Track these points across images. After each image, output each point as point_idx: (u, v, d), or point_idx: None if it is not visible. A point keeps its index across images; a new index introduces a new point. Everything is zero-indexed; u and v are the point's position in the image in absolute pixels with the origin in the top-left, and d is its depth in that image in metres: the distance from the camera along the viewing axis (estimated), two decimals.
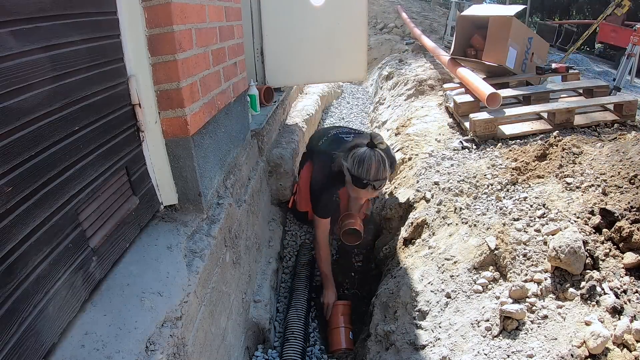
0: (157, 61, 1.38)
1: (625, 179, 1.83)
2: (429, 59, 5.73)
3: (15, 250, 0.87)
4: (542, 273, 1.57)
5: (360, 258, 2.95)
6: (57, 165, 1.02)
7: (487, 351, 1.42)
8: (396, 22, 9.41)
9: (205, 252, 1.46)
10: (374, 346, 1.92)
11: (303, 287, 2.49)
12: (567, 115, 2.80)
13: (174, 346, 1.14)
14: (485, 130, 2.85)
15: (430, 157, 2.82)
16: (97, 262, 1.15)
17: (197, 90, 1.54)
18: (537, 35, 3.83)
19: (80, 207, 1.11)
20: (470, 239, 1.92)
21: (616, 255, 1.52)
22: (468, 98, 3.25)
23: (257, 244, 2.33)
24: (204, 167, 1.61)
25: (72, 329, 1.03)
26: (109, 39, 1.26)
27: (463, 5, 7.57)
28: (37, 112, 0.95)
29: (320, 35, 3.28)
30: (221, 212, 1.71)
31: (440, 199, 2.33)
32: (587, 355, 1.24)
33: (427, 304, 1.81)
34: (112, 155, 1.26)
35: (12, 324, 0.85)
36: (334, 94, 6.42)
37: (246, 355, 1.97)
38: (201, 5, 1.57)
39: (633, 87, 5.81)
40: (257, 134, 2.60)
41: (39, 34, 0.97)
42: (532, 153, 2.36)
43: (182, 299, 1.25)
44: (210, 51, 1.68)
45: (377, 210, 2.94)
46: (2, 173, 0.84)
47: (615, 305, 1.34)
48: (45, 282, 0.95)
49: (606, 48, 10.17)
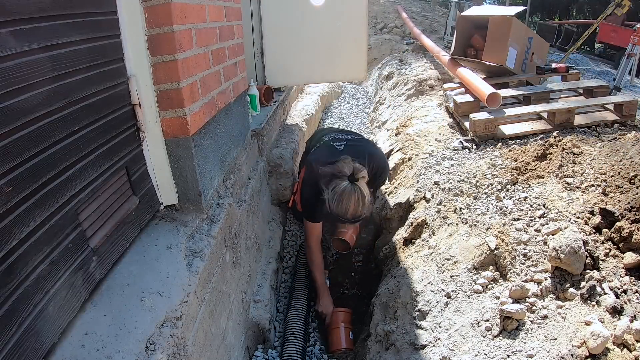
0: (157, 61, 1.38)
1: (625, 179, 1.83)
2: (429, 59, 5.73)
3: (15, 250, 0.87)
4: (542, 273, 1.57)
5: (360, 258, 2.95)
6: (57, 165, 1.02)
7: (487, 351, 1.42)
8: (396, 22, 9.41)
9: (205, 252, 1.46)
10: (374, 346, 1.92)
11: (303, 287, 2.49)
12: (567, 115, 2.80)
13: (174, 346, 1.14)
14: (485, 130, 2.85)
15: (430, 157, 2.82)
16: (97, 262, 1.15)
17: (197, 90, 1.54)
18: (537, 35, 3.84)
19: (80, 207, 1.10)
20: (470, 239, 1.92)
21: (616, 255, 1.52)
22: (468, 98, 3.25)
23: (257, 244, 2.33)
24: (204, 167, 1.61)
25: (72, 329, 1.03)
26: (109, 39, 1.26)
27: (463, 5, 7.57)
28: (37, 112, 0.95)
29: (321, 35, 3.28)
30: (221, 212, 1.71)
31: (440, 199, 2.33)
32: (587, 355, 1.24)
33: (427, 304, 1.81)
34: (112, 155, 1.26)
35: (12, 324, 0.85)
36: (334, 94, 6.42)
37: (246, 355, 1.97)
38: (201, 5, 1.57)
39: (633, 87, 5.81)
40: (257, 134, 2.60)
41: (39, 34, 0.97)
42: (532, 153, 2.36)
43: (182, 299, 1.25)
44: (210, 51, 1.68)
45: (377, 210, 2.94)
46: (2, 173, 0.84)
47: (615, 305, 1.34)
48: (45, 282, 0.95)
49: (606, 48, 10.17)
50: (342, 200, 2.07)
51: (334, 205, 2.10)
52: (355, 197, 2.07)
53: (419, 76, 4.80)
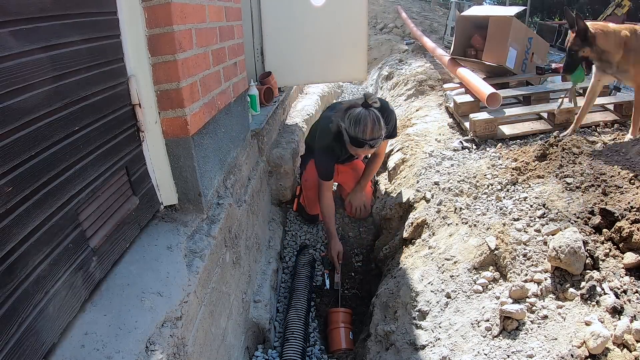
0: (157, 61, 1.38)
1: (625, 179, 1.83)
2: (429, 59, 5.72)
3: (15, 250, 0.87)
4: (542, 273, 1.57)
5: (360, 258, 2.95)
6: (57, 165, 1.02)
7: (487, 351, 1.41)
8: (396, 22, 9.40)
9: (205, 252, 1.46)
10: (374, 346, 1.92)
11: (303, 287, 2.49)
12: (567, 115, 2.80)
13: (174, 346, 1.14)
14: (485, 130, 2.85)
15: (430, 157, 2.82)
16: (97, 262, 1.15)
17: (197, 90, 1.54)
18: (537, 35, 3.83)
19: (81, 207, 1.10)
20: (470, 239, 1.92)
21: (616, 255, 1.52)
22: (468, 98, 3.25)
23: (257, 244, 2.33)
24: (204, 167, 1.61)
25: (72, 329, 1.03)
26: (109, 39, 1.26)
27: (463, 5, 7.57)
28: (37, 112, 0.95)
29: (321, 35, 3.27)
30: (221, 212, 1.71)
31: (440, 199, 2.33)
32: (587, 355, 1.24)
33: (427, 304, 1.81)
34: (112, 155, 1.26)
35: (12, 324, 0.85)
36: (334, 94, 6.41)
37: (246, 355, 1.97)
38: (201, 5, 1.57)
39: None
40: (257, 134, 2.60)
41: (39, 34, 0.97)
42: (532, 153, 2.36)
43: (182, 299, 1.25)
44: (210, 51, 1.68)
45: (377, 210, 2.94)
46: (2, 173, 0.84)
47: (615, 305, 1.34)
48: (45, 282, 0.95)
49: None
50: (360, 123, 2.26)
51: (351, 129, 2.29)
52: (370, 118, 2.26)
53: (419, 76, 4.80)
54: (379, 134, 2.29)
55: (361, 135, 2.26)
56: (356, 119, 2.26)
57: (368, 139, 2.28)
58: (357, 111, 2.28)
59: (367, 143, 2.29)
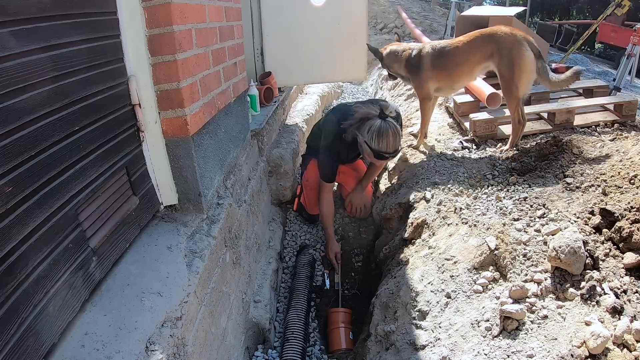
0: (157, 61, 1.38)
1: (625, 179, 1.83)
2: None
3: (15, 250, 0.87)
4: (542, 273, 1.57)
5: (360, 258, 2.95)
6: (57, 165, 1.02)
7: (487, 351, 1.41)
8: (396, 22, 9.40)
9: (205, 252, 1.46)
10: (374, 346, 1.92)
11: (303, 287, 2.49)
12: (567, 115, 2.80)
13: (174, 346, 1.14)
14: (485, 130, 2.85)
15: (430, 157, 2.82)
16: (97, 262, 1.15)
17: (197, 90, 1.54)
18: (537, 36, 3.84)
19: (80, 207, 1.10)
20: (470, 239, 1.92)
21: (616, 255, 1.52)
22: (468, 98, 3.25)
23: (257, 244, 2.33)
24: (204, 167, 1.61)
25: (72, 329, 1.03)
26: (109, 39, 1.26)
27: (463, 5, 7.56)
28: (37, 112, 0.95)
29: (321, 36, 3.27)
30: (221, 212, 1.71)
31: (440, 199, 2.32)
32: (587, 355, 1.24)
33: (427, 304, 1.81)
34: (112, 155, 1.26)
35: (12, 324, 0.85)
36: (334, 94, 6.41)
37: (246, 355, 1.97)
38: (201, 5, 1.57)
39: (633, 87, 5.80)
40: (257, 134, 2.60)
41: (39, 34, 0.97)
42: (532, 153, 2.36)
43: (182, 299, 1.25)
44: (210, 51, 1.68)
45: (377, 210, 2.94)
46: (2, 173, 0.84)
47: (615, 306, 1.34)
48: (45, 282, 0.95)
49: (606, 48, 10.18)
50: (382, 137, 2.28)
51: (374, 144, 2.31)
52: (392, 131, 2.30)
53: None
54: (400, 146, 2.35)
55: (385, 148, 2.31)
56: (378, 133, 2.28)
57: (392, 152, 2.34)
58: (378, 124, 2.29)
59: (390, 155, 2.37)
